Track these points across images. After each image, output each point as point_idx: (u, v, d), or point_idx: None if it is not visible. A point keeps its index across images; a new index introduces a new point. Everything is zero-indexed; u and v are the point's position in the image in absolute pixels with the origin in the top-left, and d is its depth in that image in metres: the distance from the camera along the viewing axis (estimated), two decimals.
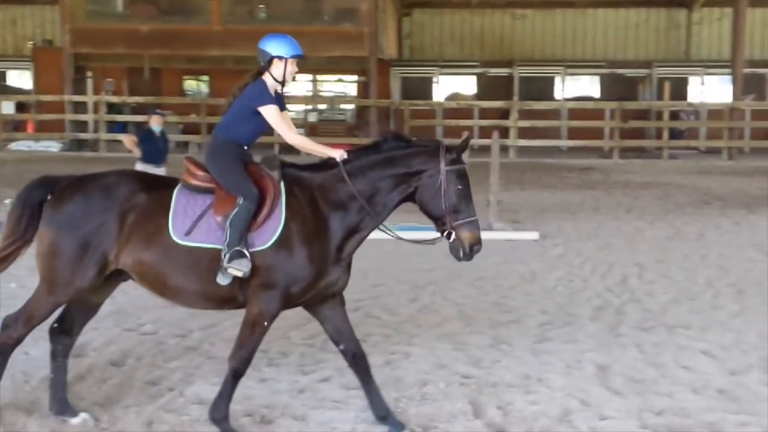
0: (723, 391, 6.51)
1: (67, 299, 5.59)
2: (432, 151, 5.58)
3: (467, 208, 5.55)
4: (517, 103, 27.88)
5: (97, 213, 5.45)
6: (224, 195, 5.51)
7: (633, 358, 7.27)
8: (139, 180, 5.71)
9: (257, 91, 5.73)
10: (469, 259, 5.60)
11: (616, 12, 32.85)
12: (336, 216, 5.55)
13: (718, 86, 31.46)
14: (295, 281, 5.46)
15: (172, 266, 5.46)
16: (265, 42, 5.80)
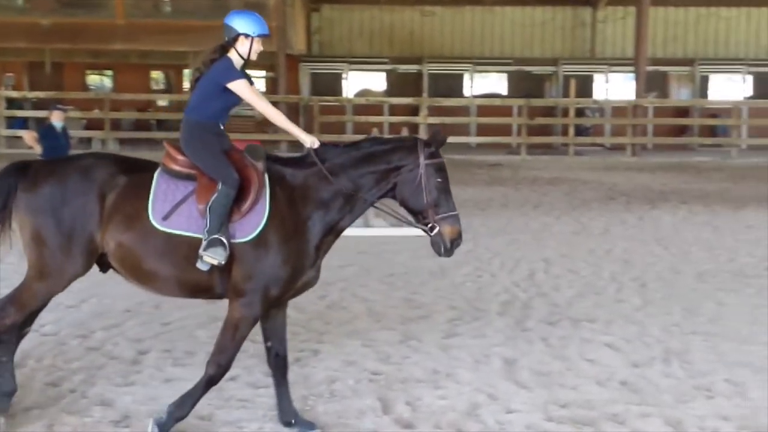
0: (626, 383, 6.62)
1: (63, 288, 5.46)
2: (410, 146, 5.57)
3: (447, 202, 5.54)
4: (427, 99, 28.01)
5: (77, 196, 5.33)
6: (207, 183, 5.40)
7: (539, 352, 7.35)
8: (116, 162, 5.57)
9: (224, 68, 5.62)
10: (450, 255, 5.58)
11: (523, 10, 33.26)
12: (317, 214, 5.50)
13: (622, 84, 32.12)
14: (275, 280, 5.37)
15: (149, 251, 5.35)
16: (232, 18, 5.72)
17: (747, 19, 33.47)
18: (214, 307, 8.44)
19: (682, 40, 33.34)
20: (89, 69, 32.90)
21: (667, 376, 6.79)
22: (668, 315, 8.52)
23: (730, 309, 8.78)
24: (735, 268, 10.68)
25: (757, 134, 28.78)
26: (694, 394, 6.40)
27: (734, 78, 32.96)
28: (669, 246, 12.16)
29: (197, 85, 5.70)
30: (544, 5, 33.14)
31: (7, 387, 5.58)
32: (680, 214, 15.08)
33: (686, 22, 33.30)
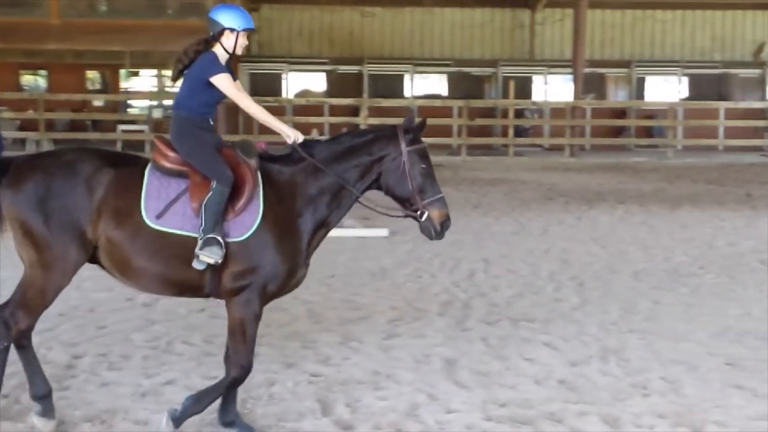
0: (564, 381, 6.67)
1: (69, 279, 5.37)
2: (390, 134, 5.60)
3: (432, 187, 5.59)
4: (367, 100, 28.01)
5: (63, 189, 5.24)
6: (199, 180, 5.35)
7: (479, 352, 7.38)
8: (101, 156, 5.47)
9: (208, 62, 5.56)
10: (441, 238, 5.67)
11: (462, 11, 33.41)
12: (308, 211, 5.51)
13: (560, 85, 32.44)
14: (272, 279, 5.37)
15: (139, 248, 5.29)
16: (217, 12, 5.64)
17: (682, 22, 34.03)
18: (150, 310, 8.37)
19: (619, 42, 33.79)
20: (23, 69, 32.27)
21: (604, 374, 6.86)
22: (605, 314, 8.62)
23: (666, 307, 8.91)
24: (670, 267, 10.84)
25: (692, 135, 29.30)
26: (630, 391, 6.47)
27: (670, 79, 33.47)
28: (606, 245, 12.31)
29: (183, 80, 5.64)
30: (483, 7, 33.33)
31: (42, 390, 5.52)
32: (617, 214, 15.27)
33: (623, 25, 33.76)
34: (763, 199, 17.30)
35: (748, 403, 6.27)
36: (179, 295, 5.69)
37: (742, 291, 9.65)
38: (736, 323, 8.34)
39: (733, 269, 10.70)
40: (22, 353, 5.52)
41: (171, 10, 28.08)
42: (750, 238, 12.93)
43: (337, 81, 32.57)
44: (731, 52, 33.90)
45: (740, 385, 6.63)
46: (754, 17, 34.07)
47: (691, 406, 6.17)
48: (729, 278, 10.25)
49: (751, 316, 8.61)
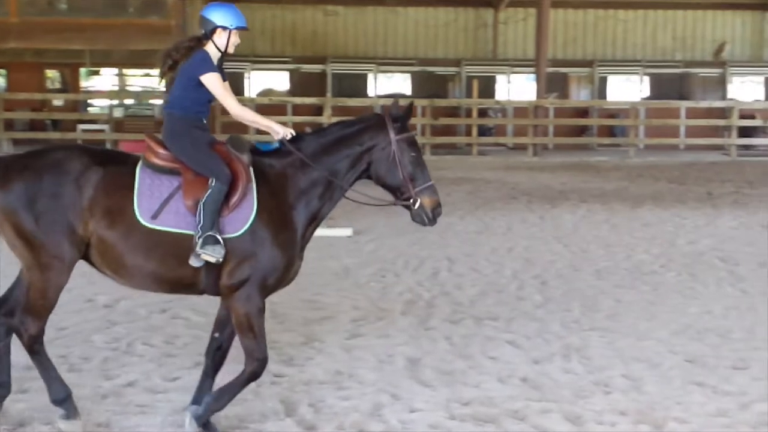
0: (527, 379, 6.70)
1: (68, 276, 5.34)
2: (378, 124, 5.64)
3: (423, 174, 5.63)
4: (331, 99, 27.97)
5: (53, 188, 5.21)
6: (192, 178, 5.34)
7: (443, 351, 7.39)
8: (89, 154, 5.44)
9: (199, 60, 5.57)
10: (433, 224, 5.70)
11: (426, 11, 33.42)
12: (300, 203, 5.54)
13: (523, 85, 32.58)
14: (270, 272, 5.39)
15: (133, 247, 5.28)
16: (210, 11, 5.65)
17: (644, 22, 34.29)
18: (111, 311, 8.29)
19: (582, 41, 33.98)
20: None
21: (567, 372, 6.90)
22: (568, 311, 8.66)
23: (627, 305, 8.97)
24: (632, 266, 10.91)
25: (654, 134, 29.53)
26: (592, 389, 6.51)
27: (632, 79, 33.71)
28: (569, 244, 12.37)
29: (176, 79, 5.63)
30: (447, 6, 33.37)
31: (61, 394, 5.49)
32: (580, 213, 15.36)
33: (585, 24, 33.97)
34: (723, 198, 17.49)
35: (709, 400, 6.32)
36: (173, 292, 5.73)
37: (702, 289, 9.74)
38: (696, 321, 8.41)
39: (694, 267, 10.79)
40: (36, 359, 5.49)
41: (132, 9, 27.79)
42: (710, 236, 13.06)
43: (300, 80, 32.47)
44: (692, 51, 34.20)
45: (701, 382, 6.69)
46: (715, 17, 34.41)
47: (652, 404, 6.21)
48: (689, 276, 10.34)
49: (711, 313, 8.69)
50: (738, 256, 11.48)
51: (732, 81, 33.42)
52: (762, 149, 28.27)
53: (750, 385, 6.64)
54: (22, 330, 5.35)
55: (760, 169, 23.39)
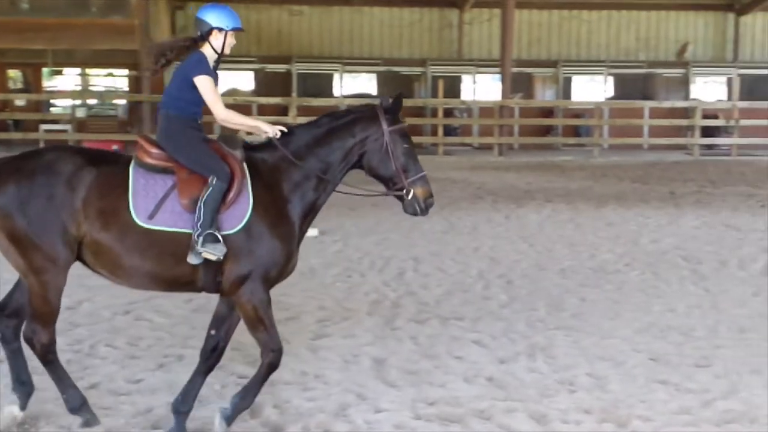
0: (492, 379, 6.71)
1: (65, 277, 5.33)
2: (371, 115, 5.69)
3: (415, 165, 5.73)
4: (296, 99, 27.89)
5: (44, 190, 5.19)
6: (187, 176, 5.36)
7: (408, 351, 7.39)
8: (80, 154, 5.43)
9: (195, 61, 5.60)
10: (425, 214, 5.81)
11: (391, 11, 33.42)
12: (296, 196, 5.57)
13: (488, 85, 32.66)
14: (271, 265, 5.42)
15: (131, 248, 5.28)
16: (205, 12, 5.66)
17: (607, 22, 34.52)
18: (73, 313, 8.20)
19: (546, 42, 34.14)
20: None
21: (532, 371, 6.92)
22: (533, 311, 8.69)
23: (592, 304, 9.02)
24: (596, 265, 10.98)
25: (618, 134, 29.73)
26: (557, 388, 6.54)
27: (596, 79, 33.94)
28: (534, 243, 12.42)
29: (172, 79, 5.64)
30: (412, 6, 33.39)
31: (77, 402, 5.51)
32: (545, 212, 15.42)
33: (550, 25, 34.13)
34: (686, 197, 17.64)
35: (672, 398, 6.37)
36: (171, 290, 5.75)
37: (665, 287, 9.81)
38: (659, 319, 8.47)
39: (657, 266, 10.87)
40: (50, 368, 5.48)
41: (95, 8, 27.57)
42: (673, 235, 13.17)
43: (265, 80, 32.34)
44: (655, 52, 34.48)
45: (664, 380, 6.73)
46: (678, 18, 34.73)
47: (616, 402, 6.25)
48: (653, 275, 10.41)
49: (674, 312, 8.76)
50: (700, 255, 11.58)
51: (695, 81, 33.74)
52: (724, 149, 28.54)
53: (712, 382, 6.70)
54: (35, 340, 5.34)
55: (722, 168, 23.63)
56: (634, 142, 29.08)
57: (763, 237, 12.92)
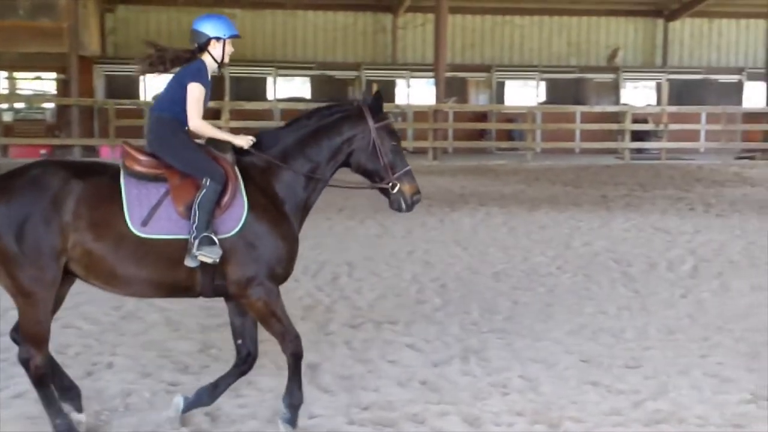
0: (426, 382, 6.71)
1: (53, 297, 5.31)
2: (357, 113, 5.74)
3: (401, 161, 5.77)
4: (229, 103, 27.69)
5: (31, 206, 5.16)
6: (179, 182, 5.37)
7: (342, 356, 7.35)
8: (65, 167, 5.40)
9: (195, 69, 5.64)
10: (410, 210, 5.84)
11: (325, 14, 33.37)
12: (289, 195, 5.62)
13: (422, 89, 32.77)
14: (276, 263, 5.46)
15: (127, 257, 5.27)
16: (201, 23, 5.72)
17: (539, 28, 34.88)
18: None
19: (479, 47, 34.38)
20: None
21: (465, 374, 6.94)
22: (467, 314, 8.71)
23: (524, 307, 9.08)
24: (529, 268, 11.05)
25: (550, 138, 30.01)
26: (490, 390, 6.56)
27: (529, 83, 34.24)
28: (468, 247, 12.47)
29: (167, 84, 5.66)
30: (346, 10, 33.39)
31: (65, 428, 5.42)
32: (478, 216, 15.50)
33: (483, 30, 34.38)
34: (617, 200, 17.87)
35: (603, 399, 6.43)
36: (170, 296, 5.71)
37: (597, 289, 9.92)
38: (591, 321, 8.56)
39: (589, 268, 10.99)
40: (42, 392, 5.45)
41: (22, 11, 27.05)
42: (605, 238, 13.33)
43: None
44: (587, 57, 34.94)
45: (595, 381, 6.80)
46: (608, 23, 35.25)
47: (548, 404, 6.28)
48: (584, 277, 10.52)
49: (605, 314, 8.86)
50: (631, 257, 11.74)
51: (625, 86, 34.23)
52: (654, 153, 28.99)
53: (642, 383, 6.78)
54: (30, 363, 5.35)
55: (652, 172, 24.00)
56: (566, 146, 29.39)
57: (691, 239, 13.15)
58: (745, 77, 33.64)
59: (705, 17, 35.13)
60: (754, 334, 8.16)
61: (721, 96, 32.44)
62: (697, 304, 9.30)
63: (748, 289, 10.02)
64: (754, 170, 24.21)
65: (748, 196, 18.69)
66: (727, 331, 8.25)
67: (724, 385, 6.78)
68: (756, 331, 8.28)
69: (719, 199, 18.02)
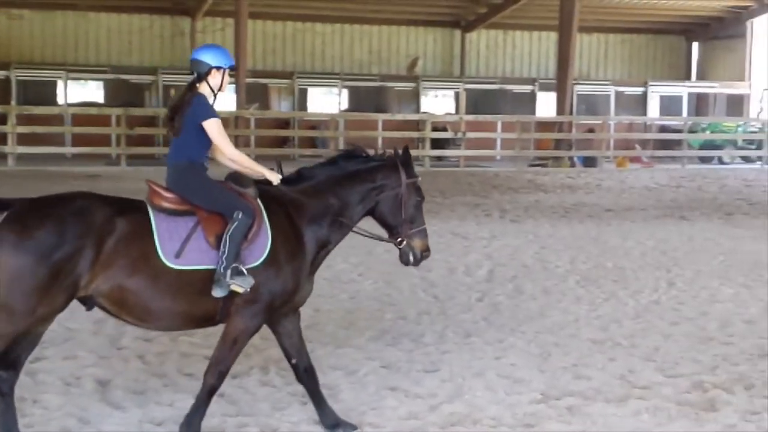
0: (224, 395, 6.55)
1: (27, 328, 5.25)
2: (391, 165, 5.99)
3: (420, 218, 6.05)
4: (16, 108, 26.43)
5: (74, 239, 5.17)
6: (207, 215, 5.52)
7: (135, 370, 7.11)
8: (108, 203, 5.47)
9: (202, 106, 5.75)
10: (417, 265, 6.17)
11: (120, 17, 32.35)
12: (310, 231, 5.78)
13: (223, 95, 32.06)
14: (279, 295, 5.63)
15: (160, 290, 5.37)
16: (202, 53, 5.87)
17: (341, 35, 35.16)
18: None
19: (281, 53, 34.28)
20: None
21: (264, 385, 6.86)
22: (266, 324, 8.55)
23: (327, 314, 9.05)
24: (331, 275, 10.98)
25: None
26: (289, 400, 6.51)
27: (331, 91, 34.42)
28: None
29: (183, 130, 5.72)
30: (141, 13, 32.50)
31: None
32: None
33: (284, 36, 34.30)
34: None
35: (401, 404, 6.49)
36: (196, 327, 5.89)
37: (397, 295, 10.02)
38: (392, 327, 8.63)
39: (390, 275, 11.04)
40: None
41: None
42: None
43: None
44: (387, 65, 35.49)
45: (394, 386, 6.84)
46: (408, 33, 35.94)
47: (347, 410, 6.27)
48: (386, 283, 10.60)
49: (405, 319, 8.95)
50: (429, 262, 11.68)
51: (425, 94, 35.01)
52: (453, 160, 29.73)
53: (439, 387, 6.87)
54: None
55: (451, 179, 24.57)
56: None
57: (488, 244, 13.52)
58: (538, 87, 35.09)
59: (500, 29, 36.42)
60: (546, 336, 8.44)
61: (516, 105, 33.79)
62: (492, 307, 9.54)
63: (540, 292, 10.38)
64: (546, 177, 25.23)
65: (541, 202, 19.45)
66: (520, 333, 8.50)
67: (517, 385, 6.96)
68: (547, 332, 8.57)
69: (514, 205, 18.66)
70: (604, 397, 6.73)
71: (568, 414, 6.40)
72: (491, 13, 34.83)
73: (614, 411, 6.47)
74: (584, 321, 9.08)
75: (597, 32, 36.98)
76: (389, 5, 33.55)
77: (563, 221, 16.43)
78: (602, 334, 8.56)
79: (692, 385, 7.05)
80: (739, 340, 8.46)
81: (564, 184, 23.41)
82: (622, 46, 38.17)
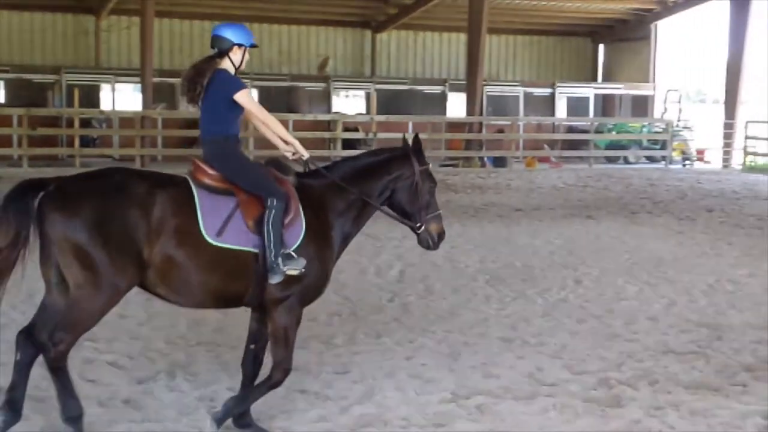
0: (129, 401, 6.48)
1: (116, 302, 5.50)
2: (404, 155, 6.18)
3: (435, 203, 6.25)
4: None
5: (121, 211, 5.33)
6: (246, 198, 5.64)
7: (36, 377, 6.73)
8: (145, 177, 5.64)
9: (229, 80, 5.89)
10: (436, 248, 6.34)
11: (21, 15, 31.44)
12: (338, 224, 5.97)
13: (129, 94, 31.76)
14: (313, 287, 5.78)
15: (199, 265, 5.49)
16: (224, 30, 5.99)
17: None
18: None
19: (189, 52, 33.66)
20: None
21: (171, 390, 6.75)
22: (173, 327, 8.44)
23: (234, 318, 8.82)
24: None
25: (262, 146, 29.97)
26: (197, 405, 6.42)
27: None
28: None
29: (205, 105, 5.87)
30: (43, 11, 31.68)
31: (75, 411, 5.58)
32: None
33: (192, 35, 33.78)
34: None
35: (311, 406, 6.45)
36: (224, 306, 6.07)
37: None
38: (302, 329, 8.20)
39: None
40: (57, 375, 5.53)
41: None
42: None
43: None
44: (298, 65, 35.29)
45: (304, 389, 6.80)
46: (318, 33, 35.79)
47: (257, 414, 6.19)
48: None
49: (316, 320, 8.86)
50: (341, 263, 11.67)
51: (337, 95, 34.95)
52: None
53: (350, 388, 6.84)
54: (51, 345, 5.41)
55: None
56: (277, 153, 29.45)
57: (399, 245, 13.53)
58: (448, 88, 35.33)
59: (410, 30, 36.53)
60: (456, 335, 8.48)
61: (426, 106, 33.98)
62: (403, 308, 9.55)
63: (450, 291, 10.43)
64: (457, 177, 25.40)
65: (452, 202, 19.55)
66: (431, 333, 8.52)
67: (427, 385, 6.97)
68: (457, 331, 8.61)
69: None
70: (512, 395, 6.79)
71: (478, 413, 6.44)
72: (401, 14, 34.91)
73: (523, 409, 6.53)
74: (494, 320, 9.15)
75: (506, 34, 37.39)
76: (299, 5, 33.31)
77: (473, 221, 16.56)
78: (511, 333, 8.64)
79: (598, 382, 7.16)
80: (643, 336, 8.63)
81: (474, 185, 23.62)
82: (530, 47, 38.67)
